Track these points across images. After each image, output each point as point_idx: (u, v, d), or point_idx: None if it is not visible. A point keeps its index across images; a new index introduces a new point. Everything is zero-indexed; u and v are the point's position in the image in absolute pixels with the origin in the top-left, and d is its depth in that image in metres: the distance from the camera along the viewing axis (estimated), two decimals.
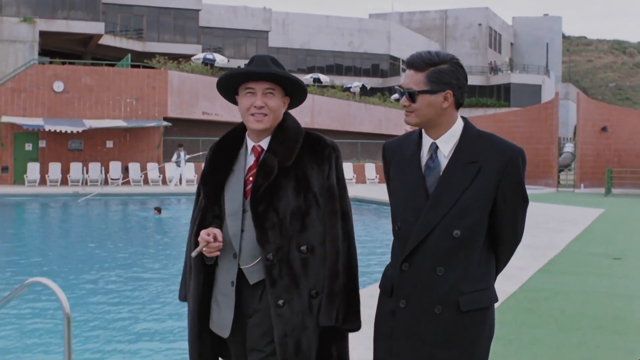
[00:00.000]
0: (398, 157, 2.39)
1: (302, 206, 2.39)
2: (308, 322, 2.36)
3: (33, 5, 33.15)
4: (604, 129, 29.77)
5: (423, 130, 2.35)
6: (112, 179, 26.68)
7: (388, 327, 2.31)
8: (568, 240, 11.31)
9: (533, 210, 15.48)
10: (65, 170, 26.48)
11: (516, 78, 56.32)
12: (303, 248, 2.38)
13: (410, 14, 64.60)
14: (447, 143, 2.30)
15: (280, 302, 2.33)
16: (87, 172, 26.30)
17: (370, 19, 58.83)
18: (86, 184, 25.69)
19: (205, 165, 2.54)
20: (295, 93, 2.52)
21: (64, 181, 26.26)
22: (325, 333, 2.41)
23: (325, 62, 52.79)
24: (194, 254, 2.38)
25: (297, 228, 2.38)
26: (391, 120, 39.99)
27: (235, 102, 2.52)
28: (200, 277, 2.47)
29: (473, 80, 57.14)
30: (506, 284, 7.36)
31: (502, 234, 2.31)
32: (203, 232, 2.37)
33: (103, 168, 26.53)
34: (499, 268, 2.41)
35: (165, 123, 27.54)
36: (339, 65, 53.50)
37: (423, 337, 2.23)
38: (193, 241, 2.45)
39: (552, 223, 13.93)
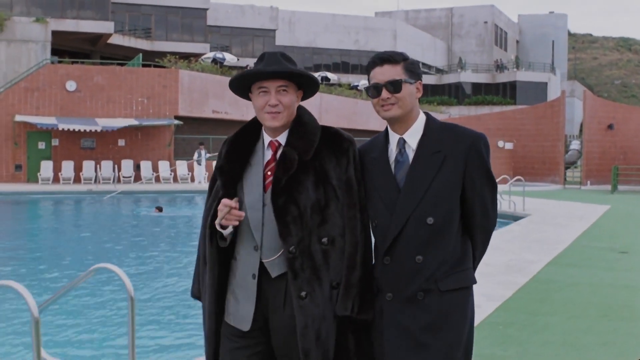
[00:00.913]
0: (367, 158, 2.48)
1: (321, 199, 2.40)
2: (327, 313, 2.37)
3: (43, 4, 33.51)
4: (610, 126, 30.02)
5: (389, 128, 2.48)
6: (124, 177, 27.06)
7: (380, 324, 2.38)
8: (576, 235, 11.63)
9: (541, 207, 15.92)
10: (77, 169, 26.85)
11: (522, 76, 56.41)
12: (324, 240, 2.39)
13: (416, 12, 64.77)
14: (413, 137, 2.41)
15: (303, 293, 2.34)
16: (99, 170, 26.71)
17: (376, 17, 59.13)
18: (99, 182, 26.09)
19: (221, 157, 2.53)
20: (308, 86, 2.55)
21: (77, 179, 26.65)
22: (341, 323, 2.41)
23: (331, 60, 53.09)
24: (217, 220, 2.35)
25: (317, 221, 2.39)
26: None
27: (250, 99, 2.53)
28: (215, 270, 2.46)
29: (479, 77, 57.34)
30: (518, 276, 7.72)
31: (474, 219, 2.40)
32: (225, 200, 2.36)
33: (115, 166, 26.93)
34: (476, 256, 2.46)
35: (176, 121, 27.89)
36: (345, 63, 53.78)
37: (409, 326, 2.30)
38: (209, 225, 2.43)
39: (560, 219, 14.24)
